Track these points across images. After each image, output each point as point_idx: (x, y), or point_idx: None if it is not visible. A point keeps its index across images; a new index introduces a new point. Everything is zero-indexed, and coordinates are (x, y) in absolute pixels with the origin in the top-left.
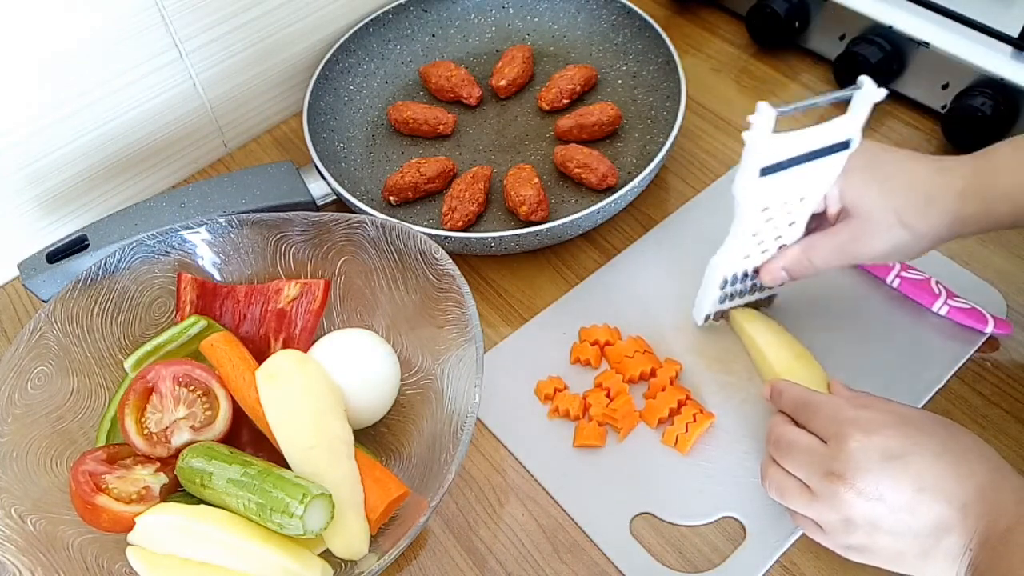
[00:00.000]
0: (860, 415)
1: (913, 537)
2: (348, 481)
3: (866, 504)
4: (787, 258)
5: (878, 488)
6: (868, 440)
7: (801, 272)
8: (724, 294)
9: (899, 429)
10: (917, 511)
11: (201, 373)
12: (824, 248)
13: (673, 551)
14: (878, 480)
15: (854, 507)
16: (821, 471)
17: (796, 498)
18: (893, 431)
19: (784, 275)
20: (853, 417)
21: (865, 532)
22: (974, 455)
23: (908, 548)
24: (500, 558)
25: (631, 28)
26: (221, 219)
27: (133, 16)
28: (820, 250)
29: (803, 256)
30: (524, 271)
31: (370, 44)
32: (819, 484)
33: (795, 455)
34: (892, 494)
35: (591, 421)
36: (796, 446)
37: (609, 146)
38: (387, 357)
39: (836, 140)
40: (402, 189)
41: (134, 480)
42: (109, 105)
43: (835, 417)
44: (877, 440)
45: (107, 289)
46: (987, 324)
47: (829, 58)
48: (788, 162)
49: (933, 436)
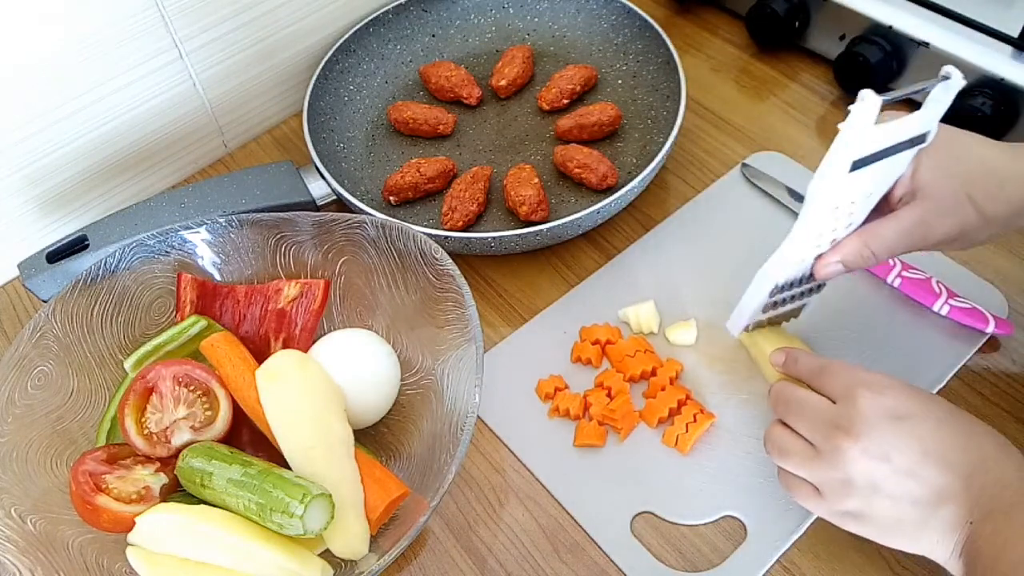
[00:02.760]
0: (871, 377)
1: (912, 504)
2: (348, 481)
3: (869, 463)
4: (845, 250)
5: (883, 447)
6: (877, 399)
7: (860, 263)
8: (769, 303)
9: (908, 393)
10: (920, 476)
11: (201, 373)
12: (888, 234)
13: (673, 551)
14: (883, 439)
15: (857, 465)
16: (828, 426)
17: (797, 456)
18: (902, 394)
19: (840, 268)
20: (865, 378)
21: (863, 496)
22: (980, 429)
23: (906, 516)
24: (500, 558)
25: (631, 28)
26: (221, 219)
27: (133, 16)
28: (883, 237)
29: (863, 246)
30: (524, 271)
31: (370, 44)
32: (824, 440)
33: (803, 411)
34: (897, 455)
35: (591, 420)
36: (805, 403)
37: (609, 146)
38: (387, 357)
39: (918, 132)
40: (402, 189)
41: (134, 480)
42: (109, 105)
43: (848, 378)
44: (886, 399)
45: (107, 289)
46: (988, 324)
47: (829, 58)
48: (875, 156)
49: (941, 404)
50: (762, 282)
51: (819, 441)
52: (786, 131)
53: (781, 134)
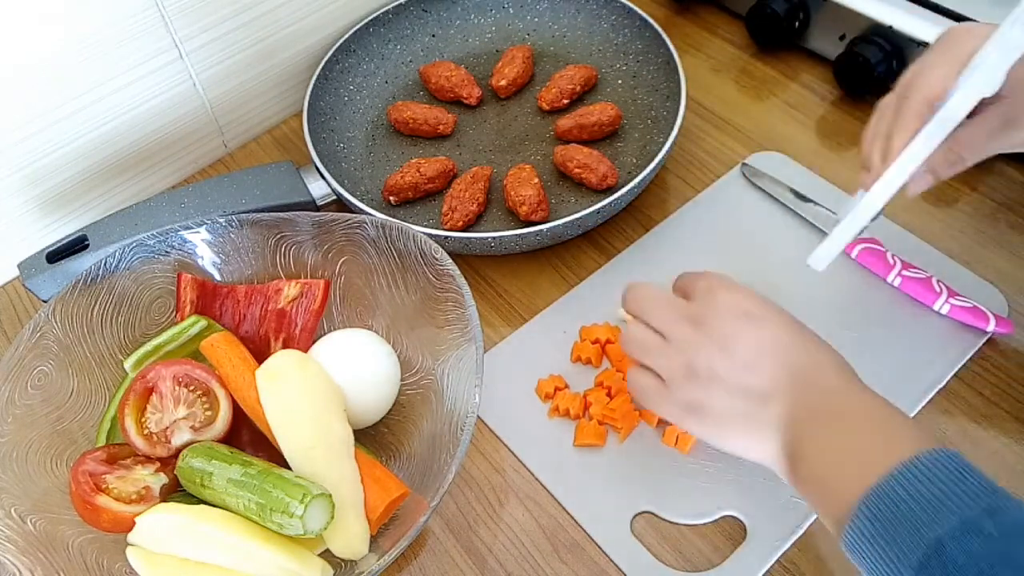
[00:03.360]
0: (732, 284)
1: (745, 396)
2: (348, 481)
3: (712, 350)
4: (934, 158)
5: (726, 339)
6: (732, 297)
7: (950, 170)
8: None
9: (763, 301)
10: (756, 369)
11: (201, 373)
12: (976, 135)
13: (673, 551)
14: (730, 331)
15: (701, 350)
16: (681, 318)
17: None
18: (757, 300)
19: (931, 179)
20: (726, 283)
21: (703, 385)
22: (824, 346)
23: (738, 409)
24: (500, 558)
25: (631, 28)
26: (221, 219)
27: (133, 16)
28: (971, 139)
29: (950, 152)
30: (524, 271)
31: (370, 44)
32: (674, 329)
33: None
34: (738, 347)
35: (591, 420)
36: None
37: (609, 146)
38: (387, 357)
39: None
40: (402, 189)
41: (134, 480)
42: (109, 105)
43: (710, 281)
44: (740, 299)
45: (107, 289)
46: (988, 323)
47: (829, 58)
48: None
49: (791, 317)
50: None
51: (670, 331)
52: (786, 131)
53: (781, 134)
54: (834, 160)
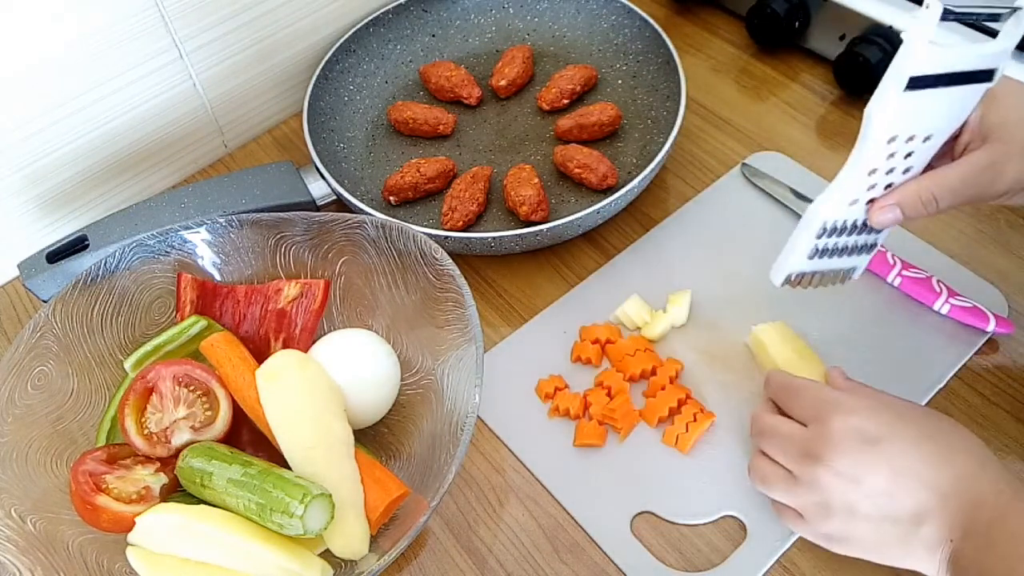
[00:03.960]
0: (840, 398)
1: (892, 524)
2: (348, 481)
3: (843, 486)
4: (904, 192)
5: (855, 470)
6: (845, 421)
7: (919, 209)
8: (816, 248)
9: (878, 413)
10: (895, 496)
11: (201, 373)
12: (951, 178)
13: (673, 550)
14: (855, 462)
15: (831, 489)
16: (800, 453)
17: (778, 484)
18: (871, 415)
19: (897, 215)
20: (833, 399)
21: (842, 519)
22: (958, 446)
23: (887, 536)
24: (500, 558)
25: (631, 28)
26: (221, 219)
27: (133, 16)
28: (947, 180)
29: (924, 190)
30: (524, 271)
31: (370, 44)
32: (798, 466)
33: (776, 440)
34: (869, 477)
35: (591, 420)
36: (777, 431)
37: (609, 146)
38: (387, 357)
39: (984, 67)
40: (402, 189)
41: (134, 480)
42: (109, 105)
43: (816, 400)
44: (854, 421)
45: (107, 289)
46: (989, 323)
47: (829, 58)
48: (936, 79)
49: (912, 423)
50: (810, 219)
51: (794, 467)
52: (786, 131)
53: (781, 134)
54: (834, 160)
